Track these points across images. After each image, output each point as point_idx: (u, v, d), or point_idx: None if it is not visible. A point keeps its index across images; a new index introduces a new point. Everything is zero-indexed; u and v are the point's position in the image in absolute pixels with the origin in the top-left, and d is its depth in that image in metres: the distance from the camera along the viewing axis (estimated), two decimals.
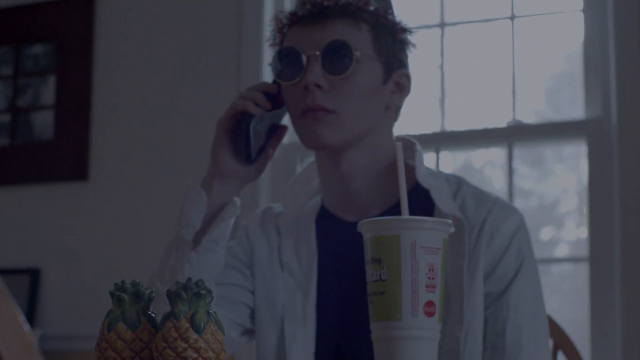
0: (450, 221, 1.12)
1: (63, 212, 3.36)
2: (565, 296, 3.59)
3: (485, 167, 3.45)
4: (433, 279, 1.11)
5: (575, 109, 3.01)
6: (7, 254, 3.37)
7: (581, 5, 2.93)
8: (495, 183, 3.13)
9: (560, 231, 3.53)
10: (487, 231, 1.60)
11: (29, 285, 3.28)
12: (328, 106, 1.58)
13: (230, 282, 1.68)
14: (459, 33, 3.18)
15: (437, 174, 1.67)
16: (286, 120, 1.71)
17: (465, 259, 1.57)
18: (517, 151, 3.02)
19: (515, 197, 3.26)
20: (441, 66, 3.13)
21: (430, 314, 1.11)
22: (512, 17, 3.06)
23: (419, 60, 3.10)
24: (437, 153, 3.05)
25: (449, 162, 3.20)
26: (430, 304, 1.11)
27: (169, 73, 3.31)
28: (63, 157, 3.37)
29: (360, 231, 1.15)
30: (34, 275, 3.30)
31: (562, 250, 3.69)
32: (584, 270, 2.89)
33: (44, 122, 3.44)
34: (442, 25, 3.15)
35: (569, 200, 3.27)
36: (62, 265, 3.31)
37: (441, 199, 1.61)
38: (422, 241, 1.11)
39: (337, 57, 1.58)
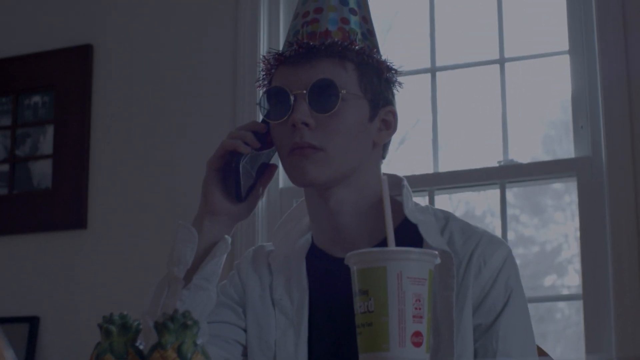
0: (436, 252, 1.14)
1: (62, 261, 3.37)
2: (568, 342, 3.59)
3: (486, 216, 3.46)
4: (420, 309, 1.13)
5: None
6: (6, 303, 3.38)
7: (567, 47, 2.96)
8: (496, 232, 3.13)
9: (562, 278, 3.53)
10: (475, 264, 1.62)
11: (28, 334, 3.29)
12: (315, 144, 1.61)
13: (222, 320, 1.70)
14: (449, 77, 3.21)
15: (425, 209, 1.70)
16: (276, 160, 1.74)
17: (453, 293, 1.59)
18: (517, 200, 3.03)
19: (517, 245, 3.27)
20: (433, 112, 3.15)
21: (418, 344, 1.12)
22: (502, 61, 3.09)
23: (411, 105, 3.15)
24: (432, 197, 3.06)
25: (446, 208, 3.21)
26: (417, 334, 1.12)
27: (166, 122, 3.35)
28: (61, 206, 3.39)
29: (348, 264, 1.16)
30: (33, 323, 3.31)
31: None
32: None
33: (42, 172, 3.47)
34: (433, 70, 3.18)
35: (570, 248, 3.28)
36: (61, 313, 3.32)
37: (429, 233, 1.63)
38: (408, 272, 1.12)
39: (323, 95, 1.61)
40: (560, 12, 3.00)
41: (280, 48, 1.71)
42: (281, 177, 3.10)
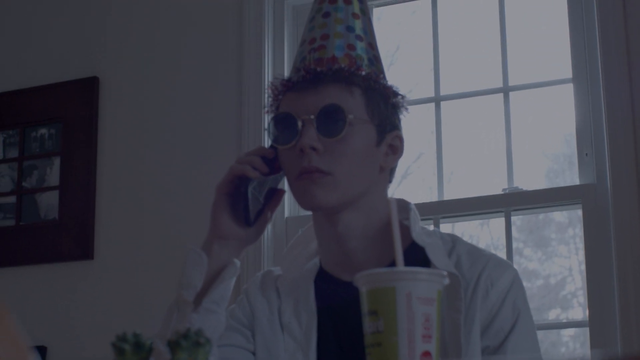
0: (444, 272, 1.15)
1: (68, 291, 3.38)
2: None
3: (489, 249, 3.46)
4: (429, 329, 1.13)
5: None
6: None
7: (570, 75, 2.97)
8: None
9: (566, 312, 3.53)
10: (483, 287, 1.63)
11: None
12: (323, 168, 1.62)
13: (231, 344, 1.71)
14: (454, 106, 3.23)
15: (432, 233, 1.71)
16: (283, 185, 1.75)
17: (461, 315, 1.60)
18: (520, 234, 3.02)
19: (520, 278, 3.25)
20: (437, 141, 3.16)
21: None
22: (506, 90, 3.10)
23: (415, 134, 3.17)
24: (437, 226, 3.05)
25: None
26: (427, 354, 1.12)
27: (172, 153, 3.36)
28: (68, 237, 3.40)
29: (357, 285, 1.17)
30: (41, 353, 3.31)
31: (568, 330, 3.66)
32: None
33: (49, 203, 3.48)
34: (437, 99, 3.19)
35: (574, 281, 3.27)
36: (68, 343, 3.32)
37: (436, 256, 1.64)
38: (417, 292, 1.13)
39: (331, 120, 1.63)
40: (564, 41, 3.01)
41: (285, 75, 1.73)
42: (287, 207, 3.11)
